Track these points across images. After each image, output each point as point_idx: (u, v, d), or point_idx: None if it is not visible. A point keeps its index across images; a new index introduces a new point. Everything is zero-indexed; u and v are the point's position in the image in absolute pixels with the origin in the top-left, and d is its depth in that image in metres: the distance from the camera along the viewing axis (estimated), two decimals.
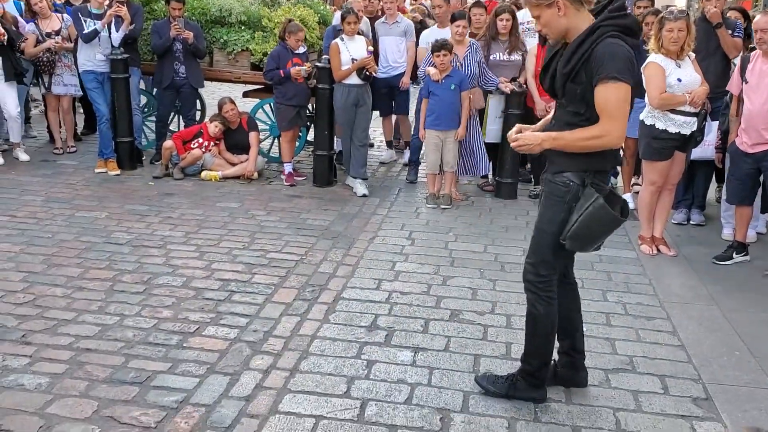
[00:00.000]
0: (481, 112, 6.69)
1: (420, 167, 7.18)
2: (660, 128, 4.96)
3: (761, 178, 5.00)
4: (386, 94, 7.64)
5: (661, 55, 4.91)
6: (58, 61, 7.45)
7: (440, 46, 6.09)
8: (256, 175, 7.09)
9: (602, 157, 2.96)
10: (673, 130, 4.94)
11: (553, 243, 3.06)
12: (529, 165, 7.17)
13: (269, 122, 7.77)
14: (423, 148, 6.84)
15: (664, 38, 4.88)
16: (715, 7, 5.74)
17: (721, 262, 5.06)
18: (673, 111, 4.92)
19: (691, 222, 5.94)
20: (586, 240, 3.02)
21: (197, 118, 8.01)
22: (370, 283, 4.60)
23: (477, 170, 6.66)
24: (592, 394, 3.34)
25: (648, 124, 5.03)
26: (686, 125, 4.93)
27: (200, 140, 7.14)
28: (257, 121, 7.45)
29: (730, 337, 3.94)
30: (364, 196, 6.60)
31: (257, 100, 7.83)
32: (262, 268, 4.79)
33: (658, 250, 5.23)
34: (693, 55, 5.08)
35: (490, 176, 7.02)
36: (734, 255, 5.08)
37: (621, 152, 3.10)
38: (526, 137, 3.05)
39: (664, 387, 3.42)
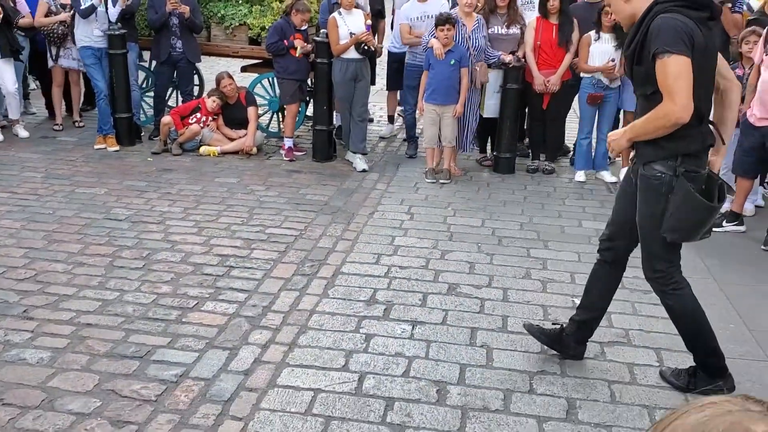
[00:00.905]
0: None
1: (419, 141, 7.18)
2: None
3: None
4: (397, 69, 7.61)
5: None
6: (69, 34, 7.37)
7: (445, 20, 6.04)
8: (255, 150, 7.08)
9: (684, 140, 2.86)
10: None
11: (659, 237, 3.02)
12: (527, 140, 7.16)
13: (268, 97, 7.74)
14: (420, 122, 6.83)
15: None
16: None
17: (713, 229, 5.08)
18: None
19: None
20: (686, 231, 2.98)
21: (195, 93, 7.99)
22: (369, 257, 4.63)
23: (465, 146, 6.66)
24: (587, 367, 3.39)
25: None
26: None
27: (198, 115, 7.13)
28: (256, 96, 7.43)
29: (725, 311, 3.98)
30: (364, 171, 6.60)
31: (255, 75, 7.80)
32: (261, 243, 4.82)
33: None
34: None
35: (488, 150, 7.02)
36: (724, 223, 5.10)
37: (712, 131, 2.99)
38: (611, 137, 3.07)
39: (659, 360, 3.46)
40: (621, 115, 6.52)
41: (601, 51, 6.09)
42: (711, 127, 2.99)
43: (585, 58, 6.17)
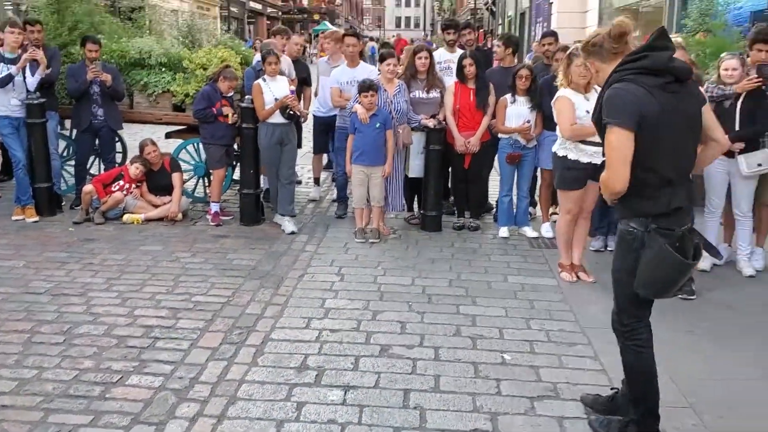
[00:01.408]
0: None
1: (349, 202, 7.25)
2: (572, 159, 5.18)
3: None
4: (323, 132, 7.76)
5: (570, 90, 5.16)
6: None
7: (368, 87, 6.24)
8: (180, 216, 7.00)
9: (649, 201, 2.93)
10: (584, 160, 5.16)
11: (630, 291, 3.06)
12: (452, 198, 7.34)
13: (193, 162, 7.70)
14: (349, 183, 6.93)
15: (573, 73, 5.13)
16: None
17: None
18: (583, 142, 5.14)
19: (608, 248, 6.15)
20: (658, 287, 2.99)
21: (118, 160, 7.88)
22: (300, 322, 4.60)
23: (395, 206, 6.79)
24: (517, 423, 3.42)
25: (561, 155, 5.25)
26: (596, 155, 5.15)
27: (121, 183, 7.02)
28: (181, 162, 7.38)
29: None
30: (293, 233, 6.60)
31: (180, 141, 7.76)
32: (187, 312, 4.72)
33: (578, 276, 5.42)
34: (599, 88, 5.33)
35: (416, 209, 7.15)
36: None
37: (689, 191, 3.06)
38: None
39: (588, 412, 3.53)
40: (539, 173, 6.77)
41: (517, 113, 6.36)
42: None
43: (502, 120, 6.42)
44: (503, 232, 6.65)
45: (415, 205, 7.21)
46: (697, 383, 3.73)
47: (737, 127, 5.22)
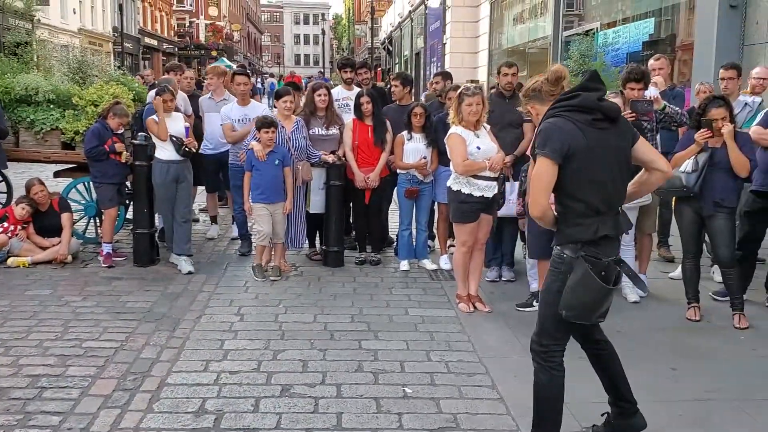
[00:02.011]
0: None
1: (252, 239, 7.15)
2: (465, 192, 5.35)
3: None
4: (214, 171, 7.64)
5: (461, 127, 5.35)
6: None
7: (269, 123, 6.24)
8: (70, 258, 6.70)
9: (576, 227, 3.10)
10: (477, 193, 5.34)
11: (554, 314, 3.17)
12: (353, 233, 7.39)
13: (84, 202, 7.41)
14: (249, 221, 6.86)
15: (464, 111, 5.32)
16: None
17: (523, 309, 5.53)
18: (476, 176, 5.33)
19: (503, 279, 6.38)
20: (582, 310, 3.10)
21: (3, 201, 7.48)
22: (197, 365, 4.47)
23: (296, 242, 6.78)
24: None
25: (455, 189, 5.41)
26: (488, 188, 5.36)
27: (6, 225, 6.65)
28: (70, 202, 7.09)
29: None
30: (190, 273, 6.45)
31: (70, 180, 7.46)
32: (77, 359, 4.50)
33: (475, 307, 5.56)
34: (488, 126, 5.57)
35: (318, 245, 7.15)
36: (534, 303, 5.53)
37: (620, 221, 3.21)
38: None
39: None
40: (435, 207, 6.93)
41: (414, 149, 6.52)
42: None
43: (400, 156, 6.56)
44: (404, 265, 6.75)
45: (317, 241, 7.21)
46: (590, 408, 3.88)
47: None
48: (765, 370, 4.42)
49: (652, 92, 5.77)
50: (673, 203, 5.55)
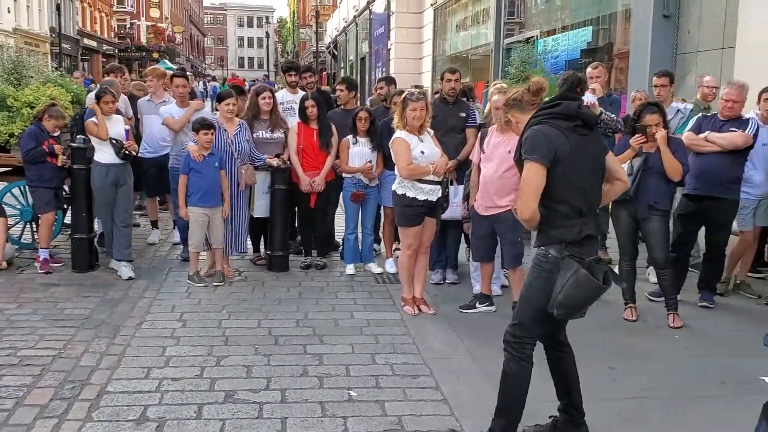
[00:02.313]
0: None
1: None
2: (410, 196, 5.39)
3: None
4: (155, 175, 7.49)
5: (405, 132, 5.39)
6: None
7: (208, 125, 6.16)
8: (4, 264, 6.48)
9: (560, 229, 3.24)
10: (421, 197, 5.39)
11: (533, 311, 3.32)
12: (299, 237, 7.37)
13: (19, 206, 7.18)
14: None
15: (408, 116, 5.35)
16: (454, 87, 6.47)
17: (466, 311, 5.61)
18: (420, 180, 5.38)
19: (447, 281, 6.45)
20: (572, 308, 3.25)
21: None
22: (138, 372, 4.38)
23: (240, 247, 6.72)
24: None
25: (399, 193, 5.44)
26: (432, 192, 5.42)
27: None
28: (5, 206, 6.85)
29: (485, 386, 4.28)
30: (130, 278, 6.32)
31: (4, 184, 7.21)
32: (12, 368, 4.35)
33: (420, 309, 5.60)
34: (432, 131, 5.64)
35: (262, 249, 7.10)
36: (477, 305, 5.62)
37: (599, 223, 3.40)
38: None
39: None
40: (382, 210, 6.96)
41: (360, 153, 6.54)
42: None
43: (345, 160, 6.57)
44: (350, 269, 6.76)
45: (261, 246, 7.15)
46: (532, 407, 3.85)
47: None
48: (698, 369, 4.58)
49: (589, 99, 5.93)
50: (609, 206, 5.72)
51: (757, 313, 5.67)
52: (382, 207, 6.91)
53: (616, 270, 5.97)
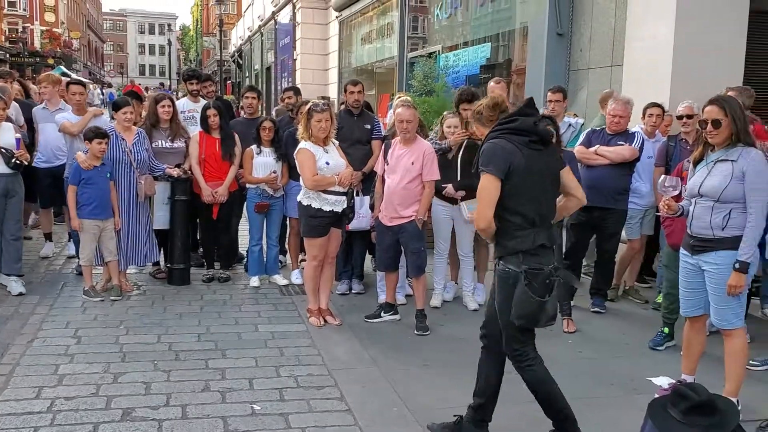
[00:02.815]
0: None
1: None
2: (315, 207, 5.40)
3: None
4: (49, 185, 7.17)
5: (310, 143, 5.39)
6: None
7: (102, 134, 5.96)
8: None
9: (515, 239, 3.40)
10: (327, 208, 5.41)
11: (511, 322, 3.45)
12: (201, 249, 7.22)
13: None
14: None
15: (313, 127, 5.36)
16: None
17: (371, 320, 5.67)
18: (325, 191, 5.39)
19: (353, 291, 6.49)
20: (529, 318, 3.41)
21: None
22: (29, 392, 4.18)
23: (138, 260, 6.52)
24: None
25: (305, 204, 5.44)
26: (338, 203, 5.44)
27: None
28: None
29: (389, 395, 4.35)
30: (21, 294, 6.02)
31: None
32: None
33: (325, 320, 5.60)
34: (337, 142, 5.68)
35: (162, 263, 6.91)
36: (382, 314, 5.69)
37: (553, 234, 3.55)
38: None
39: None
40: (288, 222, 6.92)
41: (264, 163, 6.49)
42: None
43: (249, 170, 6.50)
44: (254, 281, 6.68)
45: (162, 259, 6.96)
46: (434, 413, 4.03)
47: (459, 177, 5.85)
48: (590, 371, 4.80)
49: None
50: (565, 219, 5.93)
51: (644, 318, 6.00)
52: (287, 218, 6.87)
53: None
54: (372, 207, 5.97)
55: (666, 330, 5.26)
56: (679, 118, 5.83)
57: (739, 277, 3.83)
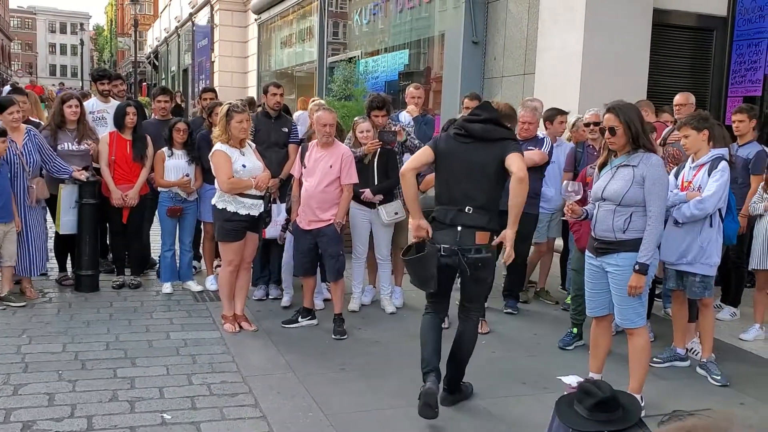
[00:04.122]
0: (50, 202, 6.30)
1: None
2: (231, 211, 5.30)
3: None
4: None
5: (226, 145, 5.29)
6: None
7: (2, 132, 5.66)
8: None
9: (435, 211, 4.14)
10: (243, 212, 5.32)
11: None
12: (110, 255, 6.97)
13: None
14: None
15: (234, 128, 5.25)
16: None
17: (288, 326, 5.60)
18: (241, 194, 5.31)
19: (270, 297, 6.40)
20: (418, 280, 4.16)
21: None
22: None
23: (40, 266, 6.23)
24: None
25: (220, 207, 5.33)
26: (254, 207, 5.36)
27: None
28: None
29: (304, 400, 4.31)
30: None
31: None
32: None
33: (241, 327, 5.50)
34: (254, 144, 5.60)
35: (69, 269, 6.63)
36: (300, 319, 5.64)
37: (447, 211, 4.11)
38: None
39: None
40: (202, 226, 6.78)
41: (176, 166, 6.32)
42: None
43: (161, 173, 6.32)
44: (166, 287, 6.49)
45: (69, 265, 6.68)
46: (350, 417, 4.02)
47: (376, 181, 5.88)
48: (502, 371, 4.90)
49: (403, 120, 6.18)
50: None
51: (555, 318, 6.18)
52: (201, 222, 6.73)
53: None
54: (289, 211, 5.91)
55: (575, 330, 5.43)
56: (587, 125, 6.03)
57: (639, 278, 3.98)
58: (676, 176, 4.93)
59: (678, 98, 6.52)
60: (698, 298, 4.90)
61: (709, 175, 4.68)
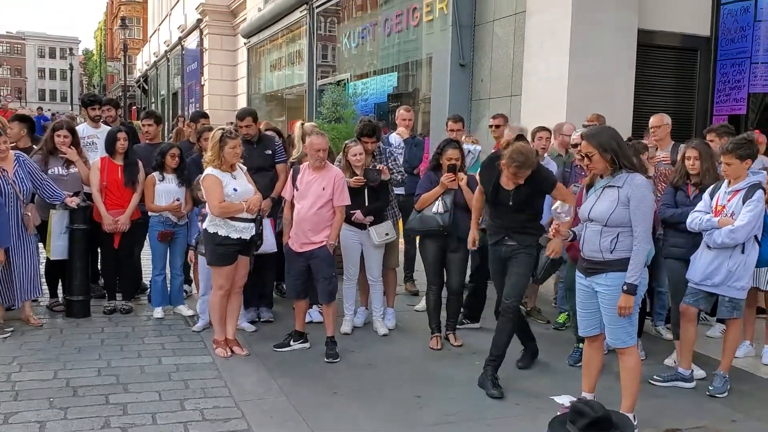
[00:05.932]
0: (40, 228, 6.27)
1: None
2: (222, 235, 5.30)
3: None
4: None
5: (217, 169, 5.31)
6: None
7: None
8: None
9: None
10: (234, 235, 5.32)
11: None
12: (102, 280, 6.95)
13: None
14: None
15: (227, 154, 5.26)
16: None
17: (280, 349, 5.59)
18: (233, 218, 5.32)
19: (261, 320, 6.40)
20: None
21: None
22: None
23: (29, 292, 6.17)
24: None
25: (211, 232, 5.33)
26: (246, 230, 5.37)
27: None
28: None
29: (297, 425, 4.29)
30: None
31: None
32: None
33: (232, 351, 5.49)
34: (245, 167, 5.62)
35: (60, 295, 6.61)
36: (291, 342, 5.63)
37: None
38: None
39: None
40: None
41: (167, 190, 6.33)
42: None
43: (152, 198, 6.33)
44: (158, 312, 6.47)
45: (60, 291, 6.65)
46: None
47: (366, 202, 5.91)
48: None
49: (393, 140, 6.21)
50: (417, 240, 6.01)
51: (546, 337, 6.17)
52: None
53: (423, 302, 6.29)
54: (280, 234, 5.92)
55: (581, 345, 5.44)
56: (574, 146, 6.10)
57: (627, 298, 4.01)
58: (711, 196, 4.94)
59: (653, 120, 6.55)
60: (726, 318, 5.04)
61: (743, 202, 4.72)
